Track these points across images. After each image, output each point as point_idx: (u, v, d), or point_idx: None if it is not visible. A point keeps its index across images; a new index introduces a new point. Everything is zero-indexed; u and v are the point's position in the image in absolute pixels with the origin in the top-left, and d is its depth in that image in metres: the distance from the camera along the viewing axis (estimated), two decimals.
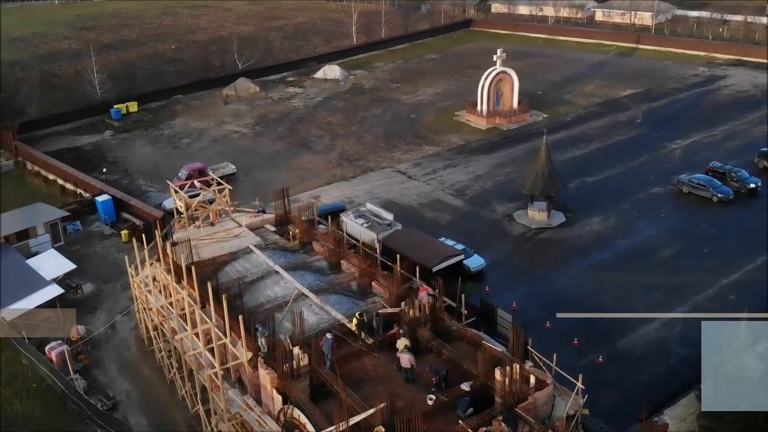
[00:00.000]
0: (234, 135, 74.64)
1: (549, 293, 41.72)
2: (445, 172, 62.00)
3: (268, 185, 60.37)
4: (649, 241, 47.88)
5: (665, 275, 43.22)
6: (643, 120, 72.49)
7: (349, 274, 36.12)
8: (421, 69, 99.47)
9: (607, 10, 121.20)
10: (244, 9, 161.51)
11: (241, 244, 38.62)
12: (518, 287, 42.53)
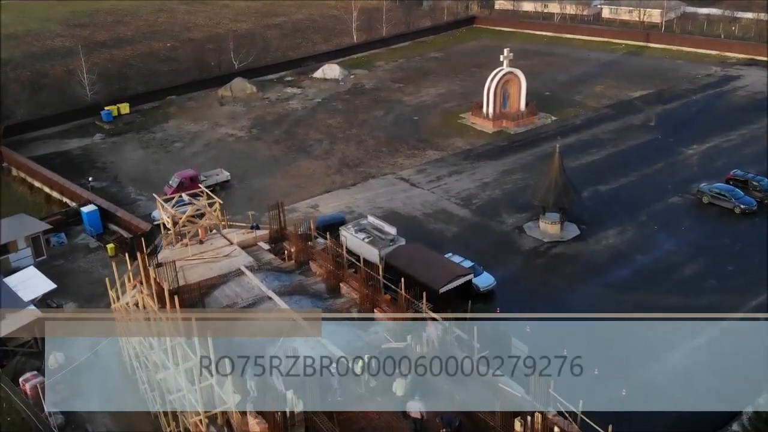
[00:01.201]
0: (229, 138, 71.51)
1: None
2: (451, 179, 58.91)
3: (263, 193, 57.49)
4: (669, 257, 44.83)
5: (689, 296, 40.20)
6: (657, 123, 69.30)
7: (349, 299, 33.14)
8: (424, 68, 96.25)
9: (615, 7, 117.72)
10: (241, 6, 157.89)
11: (232, 265, 35.61)
12: (531, 309, 39.49)
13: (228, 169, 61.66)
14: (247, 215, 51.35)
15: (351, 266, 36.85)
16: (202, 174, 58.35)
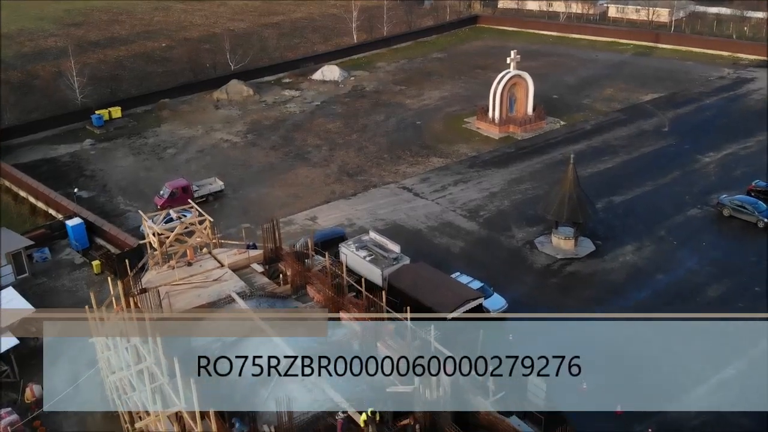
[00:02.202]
0: (224, 144, 68.57)
1: (582, 343, 35.80)
2: (456, 188, 56.03)
3: (259, 204, 54.74)
4: (691, 277, 41.96)
5: (715, 321, 37.33)
6: (670, 129, 66.45)
7: (350, 331, 30.31)
8: (426, 69, 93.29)
9: (621, 6, 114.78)
10: (239, 4, 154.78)
11: (222, 291, 32.77)
12: (546, 335, 36.64)
13: (222, 178, 58.80)
14: (240, 230, 48.56)
15: (352, 288, 34.20)
16: (194, 184, 55.49)
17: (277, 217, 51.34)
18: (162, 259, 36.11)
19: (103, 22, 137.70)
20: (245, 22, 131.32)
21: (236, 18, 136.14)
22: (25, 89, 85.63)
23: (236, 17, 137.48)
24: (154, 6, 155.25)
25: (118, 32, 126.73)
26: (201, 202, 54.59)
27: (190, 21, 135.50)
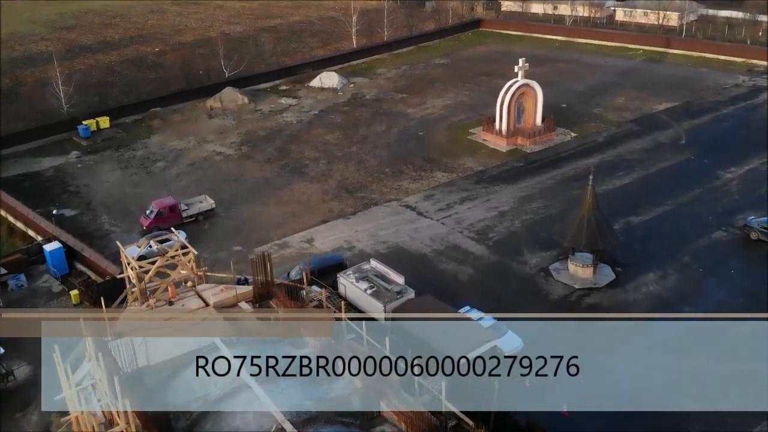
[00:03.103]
0: (217, 157, 65.03)
1: (606, 389, 32.35)
2: (462, 207, 52.53)
3: (252, 224, 51.27)
4: (722, 310, 38.42)
5: (752, 360, 33.89)
6: (687, 141, 62.99)
7: (349, 386, 26.82)
8: (429, 76, 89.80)
9: (629, 10, 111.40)
10: (236, 6, 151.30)
11: (205, 337, 29.25)
12: (566, 379, 33.15)
13: (214, 194, 55.33)
14: (231, 254, 45.14)
15: (353, 333, 30.80)
16: (183, 202, 51.97)
17: (272, 239, 48.73)
18: (141, 296, 32.61)
19: (96, 26, 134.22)
20: (242, 26, 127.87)
21: (232, 21, 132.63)
22: (12, 97, 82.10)
23: (232, 20, 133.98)
24: (149, 9, 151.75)
25: (110, 36, 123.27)
26: (190, 222, 51.37)
27: (185, 24, 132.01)
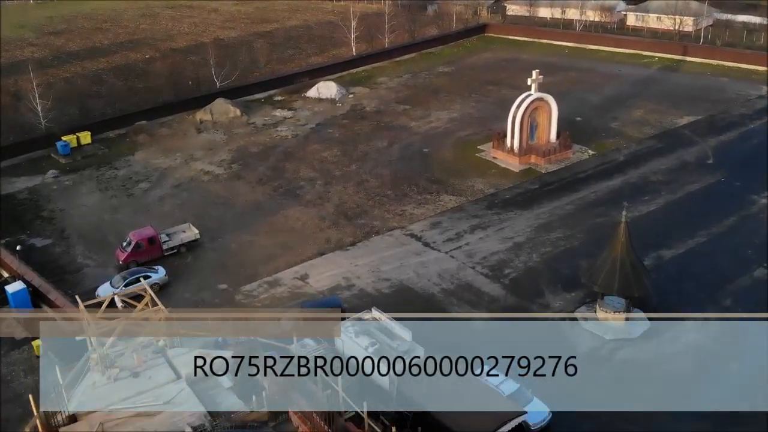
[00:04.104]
0: (204, 177, 59.99)
1: None
2: (473, 237, 47.53)
3: (240, 257, 46.29)
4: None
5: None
6: (715, 160, 58.02)
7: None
8: (433, 85, 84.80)
9: (642, 14, 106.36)
10: (231, 10, 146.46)
11: (174, 423, 24.31)
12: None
13: (200, 220, 50.42)
14: (217, 294, 40.24)
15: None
16: (163, 232, 46.96)
17: (261, 275, 43.69)
18: (103, 363, 27.67)
19: (86, 31, 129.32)
20: (236, 31, 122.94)
21: (227, 26, 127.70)
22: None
23: (227, 25, 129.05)
24: (142, 12, 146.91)
25: (100, 42, 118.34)
26: (172, 254, 46.40)
27: (177, 29, 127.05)
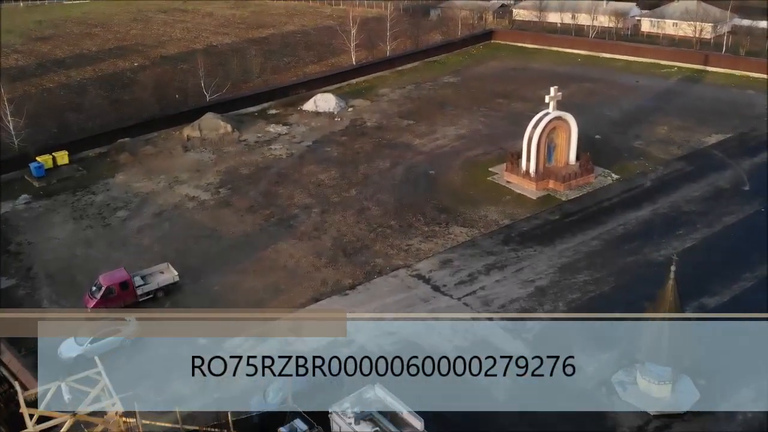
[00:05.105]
0: (189, 204, 54.55)
1: None
2: (489, 279, 42.12)
3: (224, 303, 40.90)
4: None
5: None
6: (752, 187, 52.61)
7: None
8: (438, 98, 79.44)
9: (657, 20, 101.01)
10: (226, 14, 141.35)
11: None
12: None
13: (181, 256, 45.22)
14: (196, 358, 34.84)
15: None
16: (138, 274, 41.51)
17: (247, 327, 38.25)
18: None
19: (75, 36, 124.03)
20: (230, 36, 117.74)
21: (221, 31, 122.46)
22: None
23: (221, 30, 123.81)
24: (133, 17, 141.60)
25: (88, 48, 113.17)
26: (147, 300, 41.00)
27: (169, 35, 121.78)
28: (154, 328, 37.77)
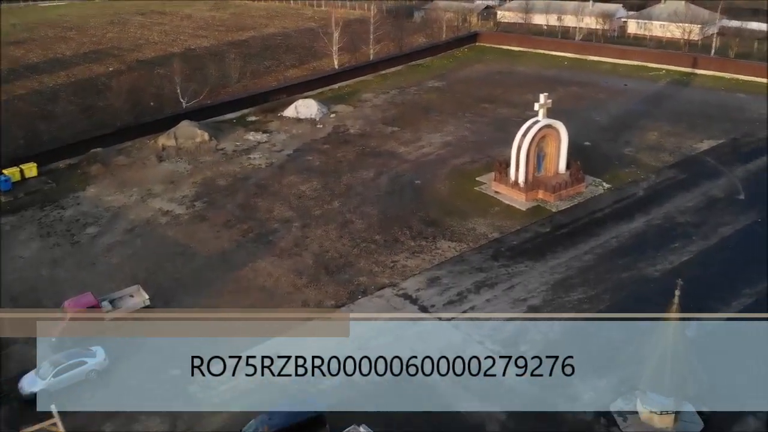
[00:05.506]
0: (162, 218, 51.94)
1: None
2: (479, 298, 40.04)
3: (197, 330, 38.13)
4: None
5: None
6: (747, 196, 51.02)
7: None
8: (422, 103, 77.44)
9: (643, 21, 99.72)
10: (205, 16, 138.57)
11: None
12: None
13: (153, 277, 42.72)
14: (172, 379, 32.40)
15: None
16: (106, 298, 38.93)
17: (222, 355, 35.81)
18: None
19: (49, 40, 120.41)
20: (209, 39, 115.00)
21: (199, 34, 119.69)
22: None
23: (200, 33, 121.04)
24: (110, 19, 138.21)
25: (62, 52, 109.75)
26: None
27: (146, 38, 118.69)
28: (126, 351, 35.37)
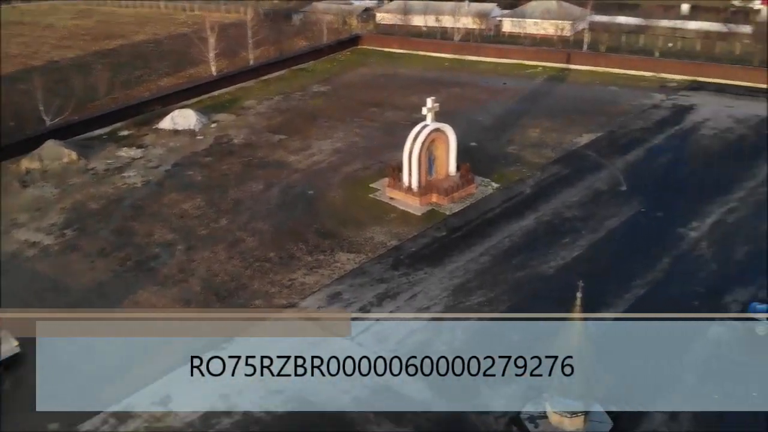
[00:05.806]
0: (29, 251, 46.78)
1: None
2: (382, 311, 38.67)
3: (74, 375, 34.40)
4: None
5: None
6: (629, 187, 53.05)
7: None
8: (309, 109, 75.42)
9: (518, 20, 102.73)
10: (68, 25, 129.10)
11: None
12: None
13: (20, 323, 37.84)
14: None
15: None
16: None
17: (106, 403, 32.21)
18: None
19: None
20: (74, 50, 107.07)
21: (63, 44, 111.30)
22: None
23: (63, 43, 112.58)
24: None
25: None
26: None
27: (5, 51, 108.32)
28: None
